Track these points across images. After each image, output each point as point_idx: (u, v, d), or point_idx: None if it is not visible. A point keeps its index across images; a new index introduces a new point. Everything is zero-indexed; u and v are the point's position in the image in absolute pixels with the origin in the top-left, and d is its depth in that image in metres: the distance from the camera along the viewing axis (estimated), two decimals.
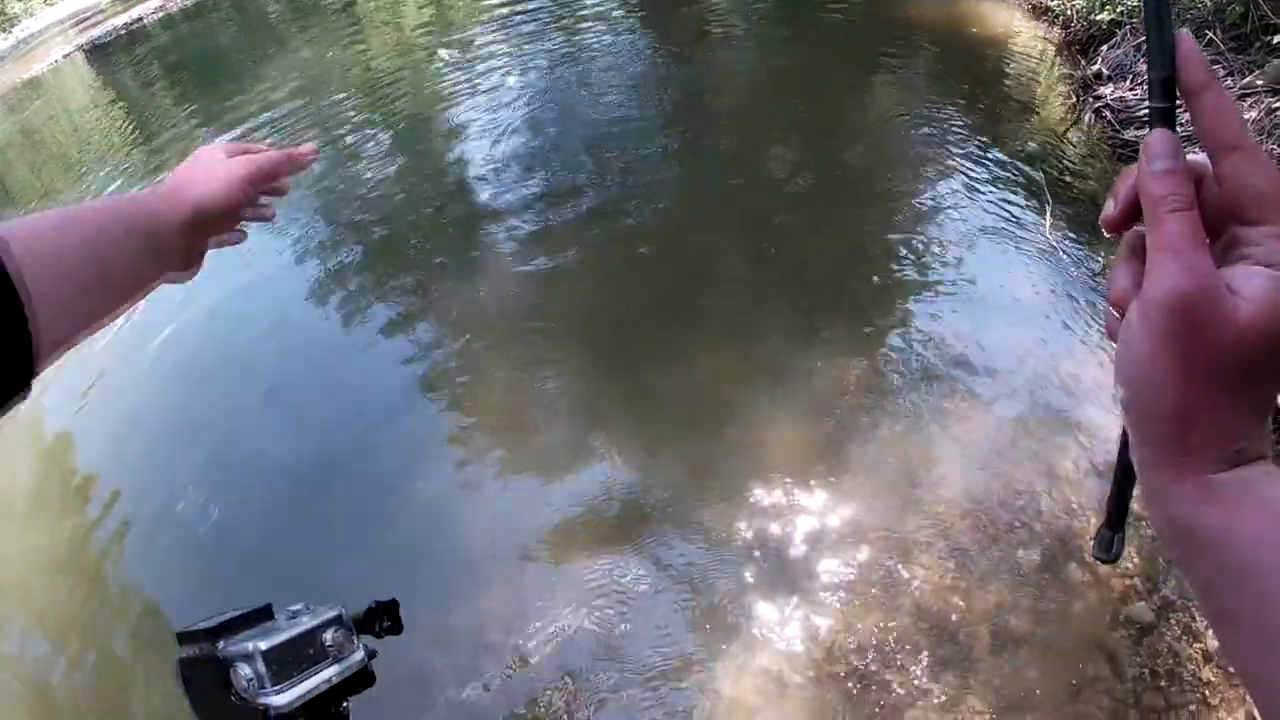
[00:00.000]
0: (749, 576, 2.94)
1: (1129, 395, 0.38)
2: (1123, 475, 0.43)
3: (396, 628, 0.58)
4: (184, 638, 0.50)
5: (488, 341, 4.43)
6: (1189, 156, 0.39)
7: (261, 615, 0.52)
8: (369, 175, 6.66)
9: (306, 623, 0.51)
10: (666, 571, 3.03)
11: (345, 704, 0.50)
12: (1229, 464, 0.36)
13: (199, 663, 0.50)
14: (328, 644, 0.52)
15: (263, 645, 0.49)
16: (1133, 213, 0.41)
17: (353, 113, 8.06)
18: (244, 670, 0.48)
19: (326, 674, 0.51)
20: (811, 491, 3.15)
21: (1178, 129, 0.39)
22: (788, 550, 2.98)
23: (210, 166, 0.74)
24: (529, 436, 3.79)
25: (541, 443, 3.73)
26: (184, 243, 0.69)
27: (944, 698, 2.49)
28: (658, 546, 3.12)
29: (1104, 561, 0.50)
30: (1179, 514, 0.37)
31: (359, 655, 0.53)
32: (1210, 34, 4.97)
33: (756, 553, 3.00)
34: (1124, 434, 0.41)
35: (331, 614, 0.53)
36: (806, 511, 3.10)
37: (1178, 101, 0.39)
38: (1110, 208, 0.42)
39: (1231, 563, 0.35)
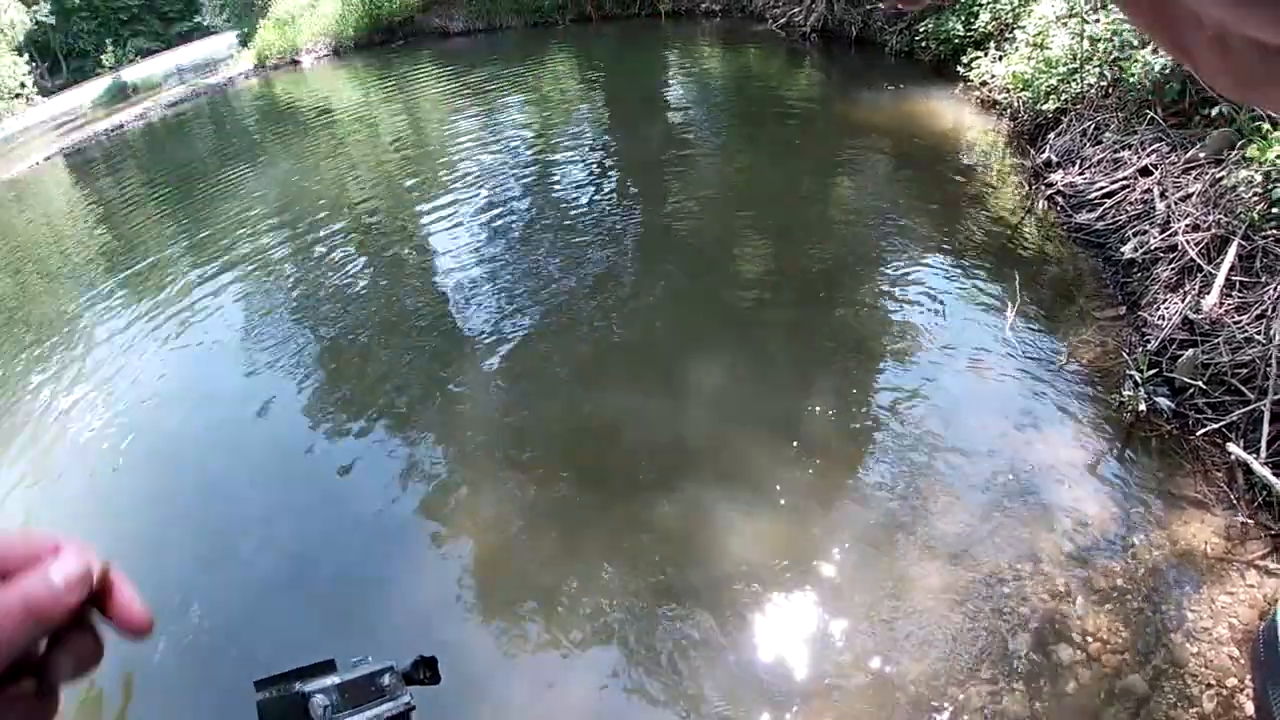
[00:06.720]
0: (738, 685, 3.01)
1: None
2: None
3: (435, 679, 0.68)
4: (261, 684, 0.60)
5: (468, 452, 4.48)
6: None
7: (327, 666, 0.63)
8: (346, 289, 6.88)
9: (368, 668, 0.63)
10: (652, 673, 3.08)
11: None
12: None
13: (277, 701, 0.61)
14: (385, 686, 0.63)
15: (337, 680, 0.60)
16: None
17: (331, 229, 8.33)
18: (320, 699, 0.59)
19: (381, 709, 0.62)
20: (799, 595, 3.28)
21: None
22: (778, 655, 3.07)
23: None
24: (516, 555, 3.80)
25: (531, 564, 3.75)
26: None
27: None
28: (640, 651, 3.18)
29: None
30: None
31: (405, 699, 0.64)
32: (1150, 112, 5.41)
33: (744, 659, 3.08)
34: None
35: (386, 664, 0.65)
36: (795, 615, 3.21)
37: None
38: None
39: None
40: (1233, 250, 4.12)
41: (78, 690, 3.57)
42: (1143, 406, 3.70)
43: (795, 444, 3.98)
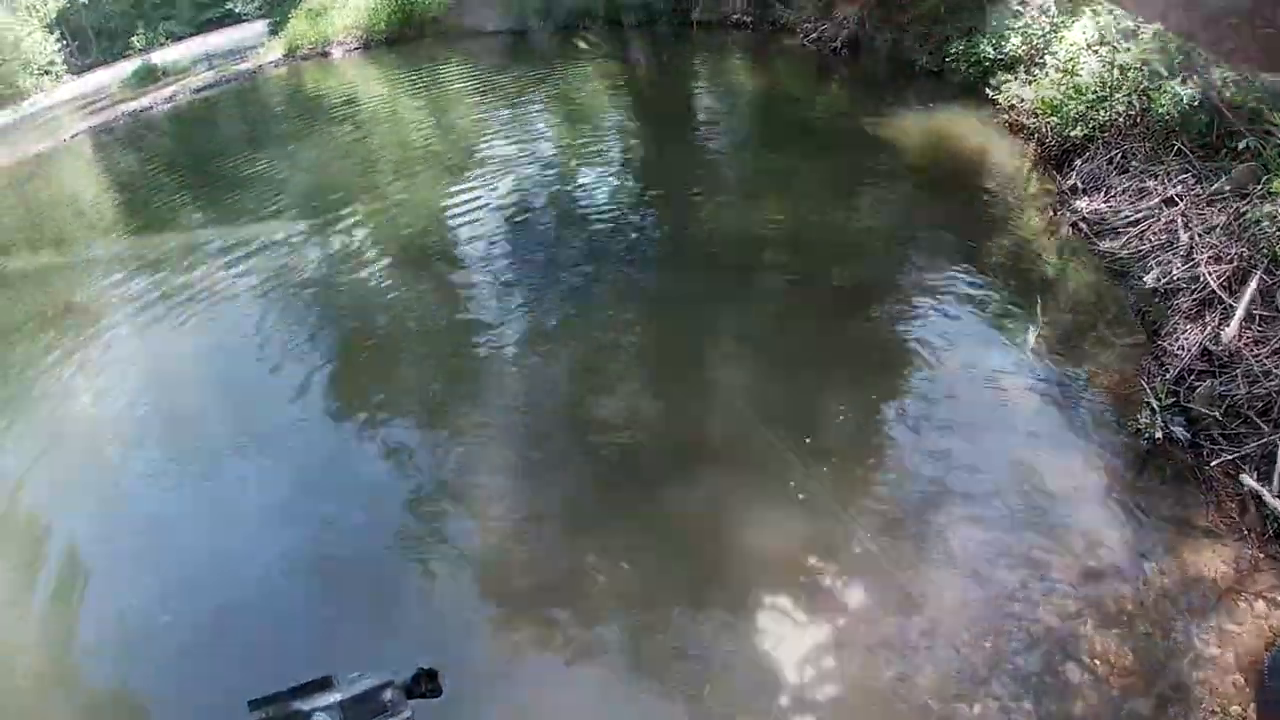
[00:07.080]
0: (747, 690, 3.01)
1: None
2: None
3: (437, 691, 0.66)
4: (256, 704, 0.58)
5: (481, 449, 4.47)
6: None
7: (324, 683, 0.61)
8: (363, 280, 6.85)
9: (368, 684, 0.61)
10: (664, 676, 3.10)
11: None
12: None
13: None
14: (387, 700, 0.61)
15: (340, 697, 0.58)
16: None
17: (352, 219, 8.34)
18: (321, 717, 0.57)
19: None
20: (811, 602, 3.29)
21: None
22: (788, 662, 3.07)
23: None
24: (529, 541, 3.81)
25: (542, 551, 3.76)
26: None
27: None
28: (652, 653, 3.19)
29: None
30: None
31: (407, 713, 0.62)
32: (1177, 142, 5.36)
33: (754, 665, 3.08)
34: None
35: (386, 678, 0.63)
36: (806, 622, 3.22)
37: None
38: None
39: None
40: (1254, 283, 4.08)
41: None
42: (1159, 434, 3.69)
43: (813, 453, 3.99)
